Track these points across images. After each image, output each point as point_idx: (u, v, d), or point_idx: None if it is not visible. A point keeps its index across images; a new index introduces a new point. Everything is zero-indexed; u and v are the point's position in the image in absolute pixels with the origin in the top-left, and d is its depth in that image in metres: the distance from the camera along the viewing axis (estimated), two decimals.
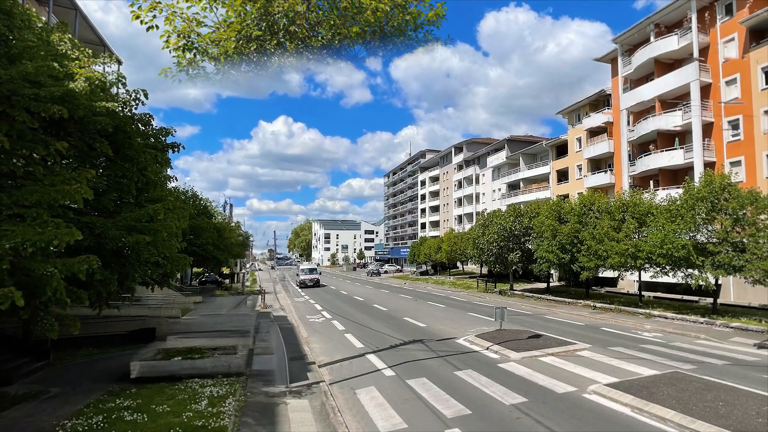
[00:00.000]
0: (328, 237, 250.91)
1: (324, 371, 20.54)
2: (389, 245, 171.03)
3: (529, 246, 52.41)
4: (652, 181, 52.39)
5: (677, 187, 40.70)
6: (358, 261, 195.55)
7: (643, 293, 42.34)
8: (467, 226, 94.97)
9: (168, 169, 23.42)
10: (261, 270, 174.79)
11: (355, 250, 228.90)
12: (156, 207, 18.93)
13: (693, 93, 45.22)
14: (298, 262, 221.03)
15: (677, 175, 48.33)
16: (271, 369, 20.78)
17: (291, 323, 35.30)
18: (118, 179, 19.44)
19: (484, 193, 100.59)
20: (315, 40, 15.57)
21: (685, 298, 41.92)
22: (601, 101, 62.42)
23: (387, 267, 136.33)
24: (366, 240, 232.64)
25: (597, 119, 61.18)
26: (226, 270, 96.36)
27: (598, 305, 39.62)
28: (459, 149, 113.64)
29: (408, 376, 18.92)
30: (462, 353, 22.94)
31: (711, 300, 35.11)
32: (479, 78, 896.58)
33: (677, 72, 48.04)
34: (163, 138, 21.89)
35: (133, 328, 27.58)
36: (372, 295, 57.95)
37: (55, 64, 16.44)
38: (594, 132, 63.35)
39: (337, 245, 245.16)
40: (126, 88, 21.04)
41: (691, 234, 32.72)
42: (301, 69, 16.94)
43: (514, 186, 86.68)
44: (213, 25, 15.25)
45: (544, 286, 56.33)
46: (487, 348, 23.59)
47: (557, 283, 62.22)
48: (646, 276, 39.53)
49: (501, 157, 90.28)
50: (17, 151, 14.92)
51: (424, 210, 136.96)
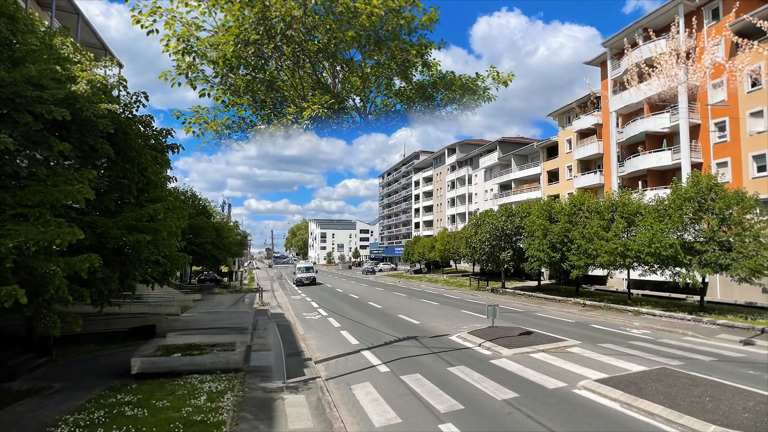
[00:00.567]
0: (324, 236, 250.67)
1: (320, 367, 20.57)
2: (384, 244, 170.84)
3: (521, 245, 52.48)
4: (640, 182, 52.45)
5: (665, 188, 40.83)
6: (353, 260, 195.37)
7: (632, 291, 42.48)
8: (460, 225, 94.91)
9: (168, 170, 23.44)
10: (259, 268, 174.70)
11: (351, 249, 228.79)
12: (156, 207, 18.94)
13: (680, 96, 45.37)
14: (294, 260, 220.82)
15: (665, 176, 48.44)
16: (269, 365, 20.81)
17: (288, 320, 35.31)
18: (119, 180, 19.45)
19: (476, 194, 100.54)
20: (311, 43, 15.60)
21: (673, 295, 42.01)
22: (591, 104, 62.50)
23: (382, 265, 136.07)
24: (361, 239, 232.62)
25: (587, 121, 61.27)
26: (224, 268, 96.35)
27: (587, 303, 39.69)
28: (452, 150, 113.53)
29: (402, 372, 18.97)
30: (455, 350, 22.99)
31: (698, 298, 35.18)
32: None
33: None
34: (163, 139, 21.88)
35: (134, 325, 27.60)
36: (367, 293, 57.97)
37: (58, 67, 16.46)
38: (584, 134, 63.33)
39: (333, 244, 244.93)
40: (127, 90, 21.03)
41: (679, 233, 32.81)
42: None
43: (505, 186, 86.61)
44: (212, 30, 15.28)
45: (535, 284, 56.36)
46: (480, 345, 23.64)
47: (548, 281, 62.28)
48: (634, 274, 39.59)
49: (493, 158, 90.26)
50: (21, 152, 14.93)
51: (417, 210, 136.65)
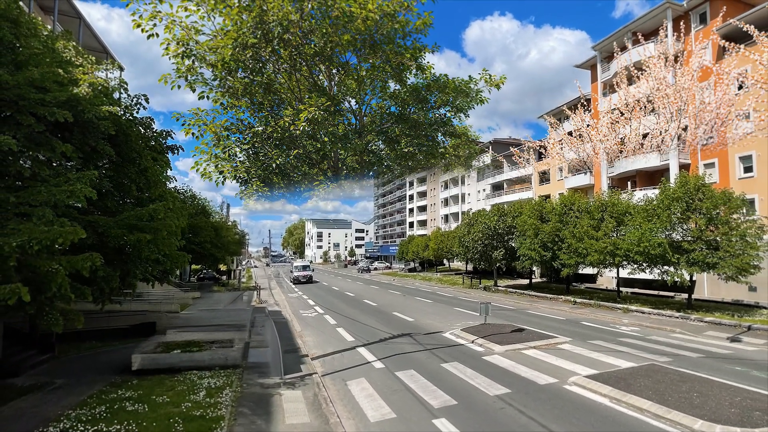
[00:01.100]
0: (320, 235, 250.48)
1: (316, 364, 20.61)
2: (379, 243, 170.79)
3: (513, 244, 52.59)
4: (629, 182, 52.59)
5: (654, 188, 40.94)
6: (349, 258, 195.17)
7: (621, 289, 42.59)
8: (453, 225, 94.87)
9: (168, 170, 23.45)
10: (257, 267, 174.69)
11: (347, 247, 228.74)
12: (156, 207, 18.96)
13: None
14: (291, 259, 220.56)
15: (654, 177, 48.60)
16: (266, 361, 20.84)
17: (285, 318, 35.32)
18: (120, 180, 19.48)
19: (469, 194, 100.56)
20: (308, 47, 15.65)
21: (662, 293, 42.11)
22: (581, 105, 62.48)
23: (377, 264, 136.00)
24: (357, 238, 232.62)
25: (577, 123, 60.65)
26: (223, 267, 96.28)
27: (578, 301, 39.78)
28: None
29: (397, 368, 19.02)
30: (448, 346, 23.04)
31: (686, 296, 35.27)
32: None
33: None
34: (163, 141, 21.90)
35: (135, 322, 27.62)
36: (362, 291, 57.95)
37: (60, 70, 16.50)
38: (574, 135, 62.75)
39: (329, 243, 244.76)
40: (128, 93, 21.08)
41: (667, 233, 32.91)
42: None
43: (498, 187, 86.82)
44: (211, 33, 15.31)
45: (526, 282, 56.37)
46: (473, 341, 23.70)
47: (539, 280, 62.30)
48: (624, 272, 39.67)
49: (485, 159, 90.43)
50: (24, 153, 14.97)
51: (412, 209, 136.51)
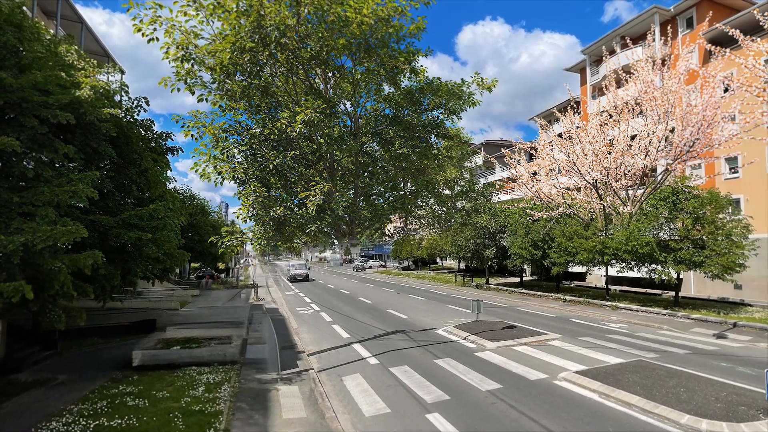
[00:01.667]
0: None
1: (313, 359, 20.63)
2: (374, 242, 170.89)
3: (504, 243, 52.69)
4: None
5: (641, 188, 41.10)
6: (344, 257, 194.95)
7: (610, 287, 42.69)
8: None
9: (168, 171, 23.50)
10: (255, 265, 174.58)
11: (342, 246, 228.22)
12: (156, 206, 19.01)
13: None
14: (289, 257, 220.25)
15: (642, 177, 48.73)
16: (264, 357, 20.87)
17: (282, 315, 35.29)
18: (121, 180, 19.50)
19: None
20: (304, 51, 15.68)
21: (649, 291, 42.15)
22: (571, 108, 62.65)
23: (371, 263, 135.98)
24: None
25: (567, 125, 60.81)
26: (221, 265, 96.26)
27: (568, 298, 39.81)
28: None
29: (391, 364, 19.06)
30: (441, 343, 23.08)
31: (673, 293, 35.36)
32: None
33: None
34: (163, 142, 21.95)
35: (135, 319, 27.65)
36: (357, 289, 57.84)
37: (63, 73, 16.52)
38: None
39: None
40: (128, 95, 21.13)
41: (655, 232, 33.03)
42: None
43: (490, 186, 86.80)
44: (209, 38, 15.34)
45: (517, 280, 56.31)
46: (465, 338, 23.75)
47: (530, 278, 62.29)
48: (612, 271, 39.74)
49: (478, 160, 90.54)
50: (27, 155, 15.01)
51: None
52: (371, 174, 18.47)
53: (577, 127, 23.51)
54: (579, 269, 47.74)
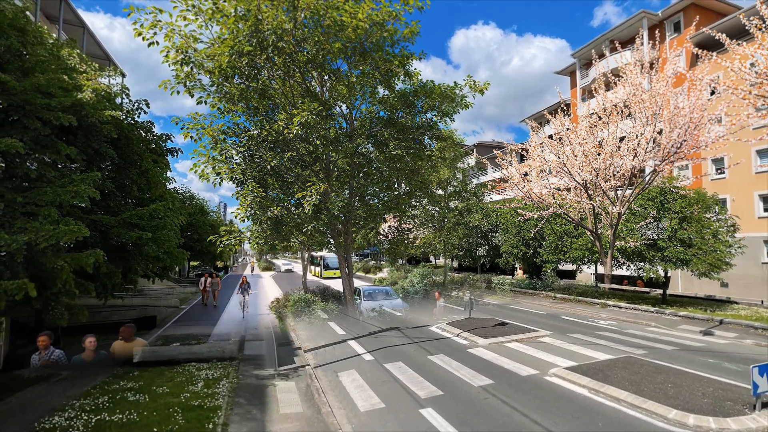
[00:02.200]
0: None
1: (309, 356, 20.63)
2: None
3: (496, 242, 52.77)
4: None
5: (630, 188, 41.22)
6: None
7: (599, 285, 42.84)
8: None
9: (167, 172, 23.52)
10: (253, 264, 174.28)
11: None
12: (156, 206, 19.06)
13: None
14: (285, 256, 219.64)
15: (630, 177, 48.84)
16: (261, 354, 20.88)
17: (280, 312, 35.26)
18: (122, 181, 19.53)
19: None
20: (301, 54, 15.70)
21: (638, 289, 42.34)
22: (561, 110, 62.72)
23: (372, 262, 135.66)
24: None
25: (557, 127, 60.79)
26: (220, 263, 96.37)
27: (558, 296, 39.81)
28: None
29: (385, 360, 19.08)
30: (435, 339, 23.11)
31: (661, 291, 35.48)
32: None
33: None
34: (163, 144, 21.94)
35: (136, 316, 27.64)
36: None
37: (65, 76, 16.56)
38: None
39: None
40: (129, 98, 21.10)
41: (643, 231, 33.16)
42: None
43: (482, 187, 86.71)
44: (208, 41, 15.37)
45: (509, 278, 56.52)
46: (458, 335, 23.77)
47: (521, 275, 62.44)
48: (601, 269, 39.89)
49: (470, 161, 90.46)
50: (31, 156, 15.03)
51: None
52: (366, 175, 18.50)
53: (567, 129, 23.54)
54: (569, 267, 47.82)
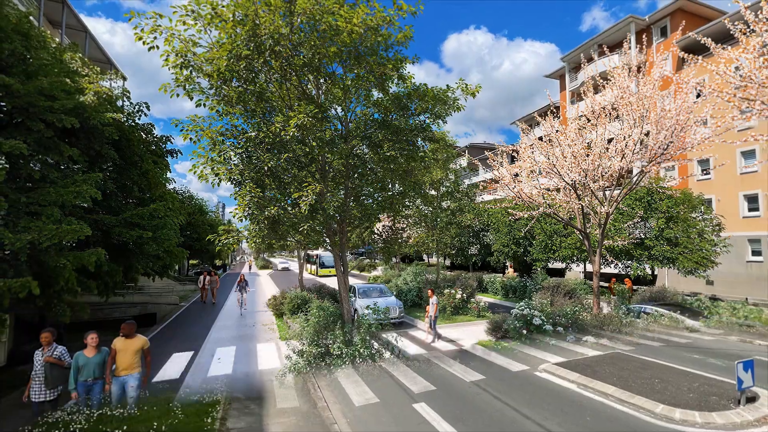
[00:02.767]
0: None
1: None
2: None
3: (487, 241, 52.85)
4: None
5: (618, 188, 41.35)
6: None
7: (588, 282, 42.97)
8: None
9: (167, 173, 23.55)
10: (250, 263, 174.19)
11: None
12: (157, 206, 19.10)
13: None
14: (282, 254, 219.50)
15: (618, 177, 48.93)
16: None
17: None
18: (123, 182, 19.57)
19: None
20: (297, 58, 15.75)
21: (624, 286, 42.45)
22: (551, 112, 62.68)
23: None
24: None
25: (547, 129, 60.79)
26: (218, 262, 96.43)
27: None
28: None
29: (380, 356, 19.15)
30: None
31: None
32: None
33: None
34: (163, 145, 22.03)
35: (137, 313, 27.69)
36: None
37: (68, 80, 16.60)
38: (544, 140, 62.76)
39: None
40: (130, 101, 21.20)
41: (631, 230, 33.30)
42: None
43: (474, 187, 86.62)
44: (207, 46, 15.39)
45: (500, 276, 56.54)
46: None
47: (512, 273, 62.48)
48: (590, 267, 40.00)
49: (462, 162, 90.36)
50: (34, 157, 15.07)
51: None
52: (361, 175, 18.54)
53: (557, 131, 23.61)
54: (558, 265, 47.96)
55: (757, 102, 11.08)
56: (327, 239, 18.16)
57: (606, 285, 40.19)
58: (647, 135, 21.13)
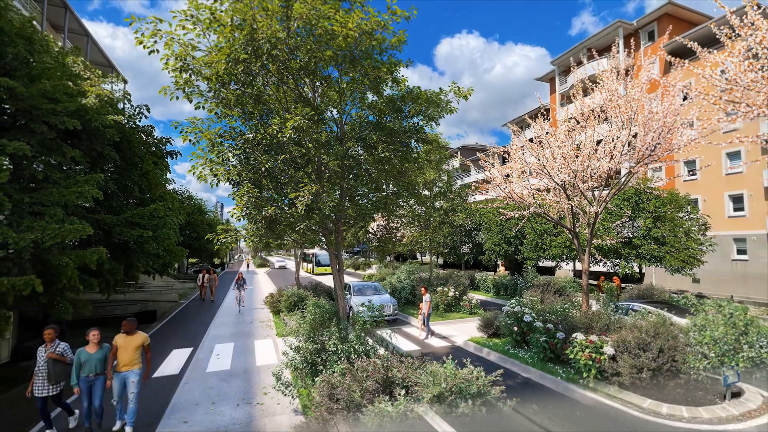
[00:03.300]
0: None
1: None
2: None
3: (479, 240, 53.00)
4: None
5: (606, 189, 41.52)
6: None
7: (578, 280, 43.10)
8: None
9: (167, 174, 23.59)
10: (248, 261, 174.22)
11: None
12: (157, 206, 19.16)
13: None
14: (279, 253, 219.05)
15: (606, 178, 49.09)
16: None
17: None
18: (124, 182, 19.61)
19: None
20: (294, 62, 15.78)
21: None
22: (542, 115, 62.86)
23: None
24: None
25: (537, 131, 60.88)
26: (217, 260, 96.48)
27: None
28: None
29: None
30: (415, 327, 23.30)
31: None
32: None
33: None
34: (163, 147, 22.07)
35: (137, 310, 27.71)
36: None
37: (70, 83, 16.64)
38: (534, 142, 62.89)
39: None
40: (131, 103, 21.23)
41: (619, 229, 33.43)
42: None
43: (466, 187, 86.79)
44: (206, 50, 15.42)
45: (492, 274, 56.64)
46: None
47: (503, 271, 62.60)
48: (579, 265, 40.13)
49: (454, 164, 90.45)
50: (37, 158, 15.11)
51: None
52: (356, 176, 18.59)
53: (547, 133, 23.68)
54: (548, 264, 48.10)
55: (742, 105, 11.19)
56: (323, 238, 18.20)
57: (595, 283, 40.33)
58: (635, 137, 21.23)
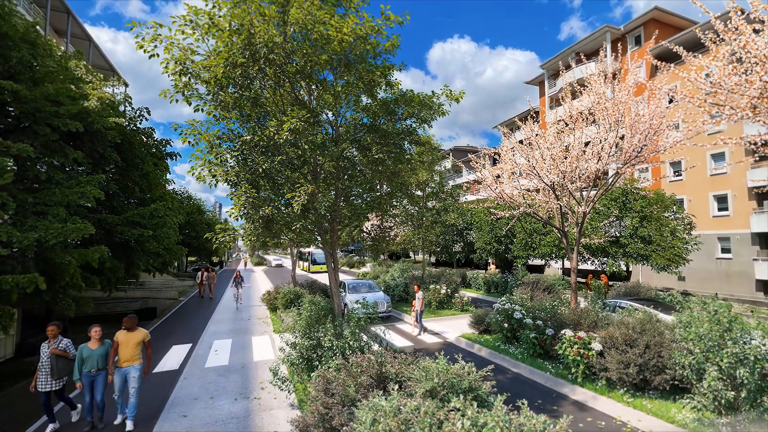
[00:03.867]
0: None
1: None
2: None
3: (470, 239, 53.15)
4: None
5: (594, 189, 41.70)
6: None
7: (566, 278, 43.26)
8: None
9: (167, 174, 23.64)
10: (246, 260, 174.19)
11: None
12: (157, 206, 19.23)
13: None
14: (275, 252, 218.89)
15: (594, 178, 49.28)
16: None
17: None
18: (125, 183, 19.68)
19: None
20: (290, 66, 15.84)
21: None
22: (531, 117, 63.15)
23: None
24: None
25: (527, 133, 61.10)
26: (215, 259, 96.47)
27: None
28: None
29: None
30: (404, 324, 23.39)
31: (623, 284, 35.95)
32: None
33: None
34: (163, 148, 22.12)
35: (138, 307, 27.74)
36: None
37: (72, 86, 16.70)
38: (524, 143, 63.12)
39: None
40: (132, 106, 21.28)
41: (606, 228, 33.61)
42: None
43: (458, 188, 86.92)
44: (205, 54, 15.47)
45: (483, 272, 56.77)
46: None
47: (494, 270, 62.75)
48: (568, 264, 40.28)
49: (447, 165, 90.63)
50: (40, 159, 15.16)
51: None
52: (351, 177, 18.66)
53: (537, 135, 23.79)
54: (538, 262, 48.28)
55: (726, 107, 11.30)
56: (318, 237, 18.26)
57: (583, 281, 40.51)
58: (622, 138, 21.37)
